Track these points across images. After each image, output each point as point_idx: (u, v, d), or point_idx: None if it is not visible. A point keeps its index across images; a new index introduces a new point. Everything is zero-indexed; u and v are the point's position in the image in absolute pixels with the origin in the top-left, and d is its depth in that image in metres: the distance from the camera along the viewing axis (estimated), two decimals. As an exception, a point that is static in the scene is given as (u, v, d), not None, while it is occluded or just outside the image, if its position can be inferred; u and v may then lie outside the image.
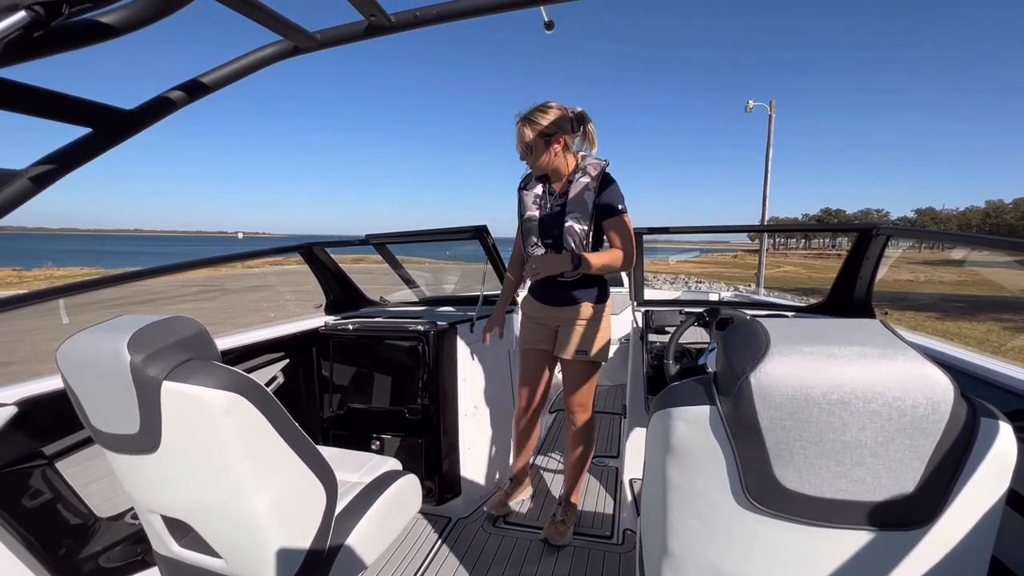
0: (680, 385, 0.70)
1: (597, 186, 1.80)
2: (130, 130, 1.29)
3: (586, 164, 1.83)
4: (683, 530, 0.69)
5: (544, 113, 1.75)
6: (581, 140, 1.87)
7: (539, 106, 1.77)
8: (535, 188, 1.93)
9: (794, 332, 0.62)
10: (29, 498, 1.28)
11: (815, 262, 58.65)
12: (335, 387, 2.25)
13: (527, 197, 1.94)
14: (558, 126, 1.75)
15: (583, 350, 1.93)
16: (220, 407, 0.90)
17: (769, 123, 14.28)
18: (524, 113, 1.78)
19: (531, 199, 1.93)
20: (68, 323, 4.67)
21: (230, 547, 1.05)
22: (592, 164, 1.83)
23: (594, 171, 1.82)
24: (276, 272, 24.12)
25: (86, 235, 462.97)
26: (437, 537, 2.04)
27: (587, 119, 1.82)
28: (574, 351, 1.94)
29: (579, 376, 1.97)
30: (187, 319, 1.00)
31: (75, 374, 0.96)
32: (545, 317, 2.01)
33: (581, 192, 1.80)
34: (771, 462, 0.60)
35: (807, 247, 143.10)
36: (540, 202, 1.91)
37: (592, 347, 1.94)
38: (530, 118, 1.76)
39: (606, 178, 1.82)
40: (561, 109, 1.77)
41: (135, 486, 1.05)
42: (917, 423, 0.55)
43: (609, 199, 1.80)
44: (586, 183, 1.80)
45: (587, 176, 1.81)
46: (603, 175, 1.82)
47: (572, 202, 1.82)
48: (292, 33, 1.39)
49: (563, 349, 1.96)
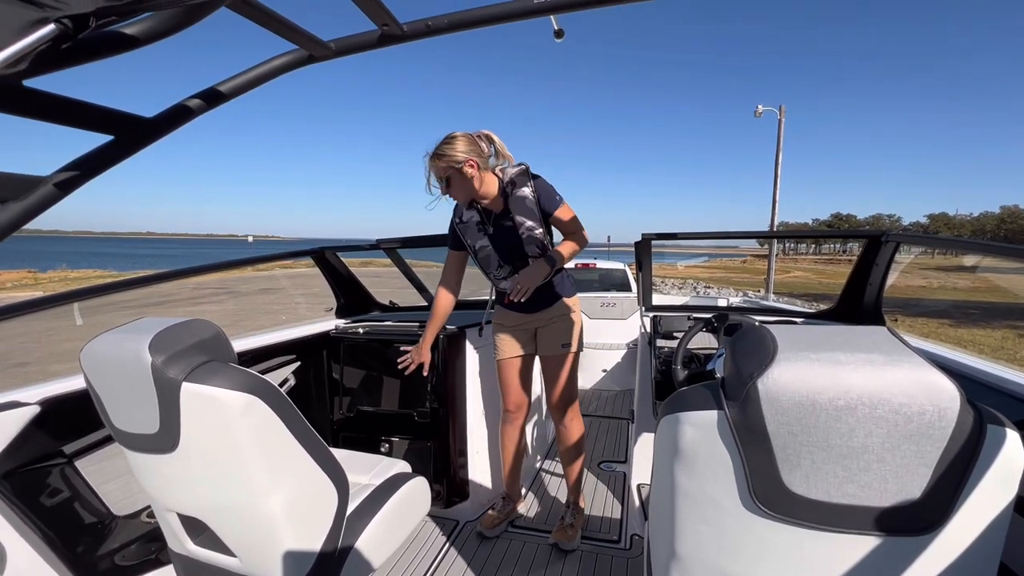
0: (688, 390, 0.71)
1: (532, 191, 1.84)
2: (150, 137, 1.32)
3: (510, 176, 1.85)
4: (691, 534, 0.70)
5: (450, 144, 1.75)
6: (495, 158, 1.87)
7: (443, 140, 1.77)
8: (471, 218, 1.92)
9: (801, 338, 0.63)
10: (49, 495, 1.31)
11: (825, 267, 58.08)
12: (345, 389, 2.28)
13: (468, 228, 1.93)
14: (467, 152, 1.75)
15: (566, 343, 2.00)
16: (237, 408, 0.93)
17: (779, 128, 14.22)
18: (431, 151, 1.77)
19: (473, 228, 1.92)
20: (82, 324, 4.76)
21: (244, 546, 1.07)
22: (514, 173, 1.85)
23: (521, 177, 1.85)
24: (287, 275, 24.32)
25: (99, 238, 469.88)
26: (445, 540, 2.05)
27: (493, 137, 1.84)
28: (559, 346, 2.00)
29: (564, 369, 2.02)
30: (205, 322, 1.02)
31: (97, 374, 0.99)
32: (525, 324, 2.03)
33: (521, 201, 1.83)
34: (779, 467, 0.61)
35: (817, 252, 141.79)
36: (484, 229, 1.91)
37: (572, 339, 2.01)
38: (438, 153, 1.75)
39: (538, 182, 1.86)
40: (465, 136, 1.77)
41: (153, 485, 1.08)
42: (923, 429, 0.55)
43: (547, 196, 1.85)
44: (521, 192, 1.83)
45: (518, 186, 1.84)
46: (535, 181, 1.86)
47: (516, 214, 1.84)
48: (307, 42, 1.42)
49: (548, 347, 2.01)
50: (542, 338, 2.03)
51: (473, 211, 1.91)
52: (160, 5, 0.96)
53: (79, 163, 1.23)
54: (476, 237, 1.92)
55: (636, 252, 2.42)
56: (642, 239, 2.29)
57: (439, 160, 1.74)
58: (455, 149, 1.73)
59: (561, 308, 1.99)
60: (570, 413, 2.06)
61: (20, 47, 0.89)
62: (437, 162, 1.74)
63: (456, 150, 1.73)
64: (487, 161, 1.81)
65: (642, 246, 2.33)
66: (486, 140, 1.82)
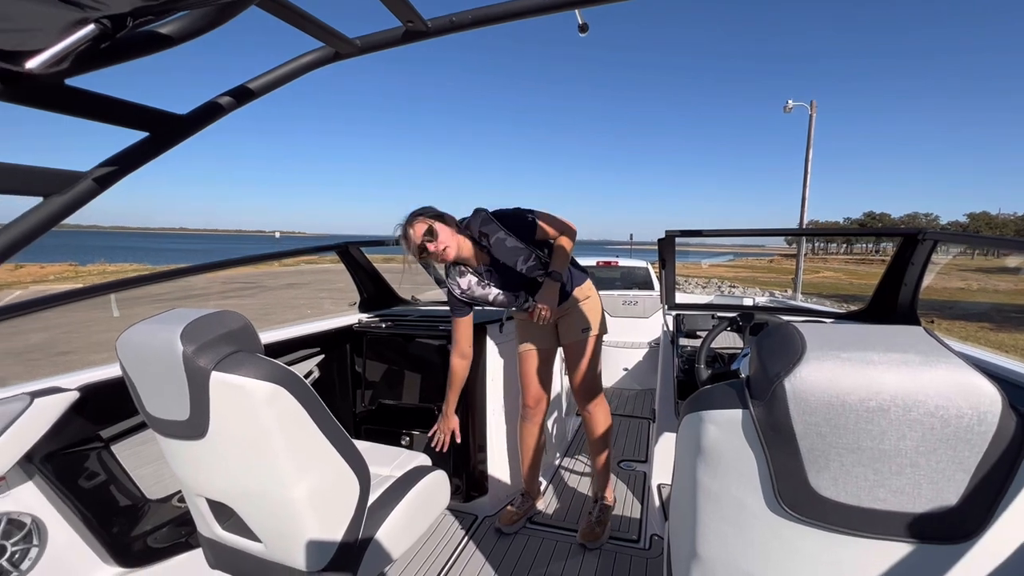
0: (712, 388, 0.70)
1: (503, 229, 1.82)
2: (183, 134, 1.36)
3: (478, 228, 1.83)
4: (713, 535, 0.69)
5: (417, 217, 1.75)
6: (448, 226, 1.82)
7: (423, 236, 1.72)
8: (470, 280, 1.91)
9: (831, 337, 0.61)
10: (87, 477, 1.37)
11: (857, 268, 56.17)
12: (367, 383, 2.31)
13: (473, 291, 1.91)
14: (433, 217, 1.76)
15: (586, 327, 2.03)
16: (263, 397, 0.95)
17: (809, 123, 13.81)
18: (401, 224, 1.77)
19: (477, 288, 1.91)
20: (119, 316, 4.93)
21: (269, 531, 1.10)
22: (480, 222, 1.83)
23: (487, 225, 1.82)
24: (312, 270, 24.81)
25: (135, 233, 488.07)
26: (464, 534, 2.07)
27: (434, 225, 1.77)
28: (579, 331, 2.03)
29: (588, 354, 2.03)
30: (234, 313, 1.05)
31: (132, 362, 1.03)
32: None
33: (502, 244, 1.82)
34: (805, 468, 0.59)
35: (849, 252, 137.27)
36: (483, 283, 1.91)
37: (592, 323, 2.04)
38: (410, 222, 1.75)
39: (503, 219, 1.84)
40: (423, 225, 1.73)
41: (184, 470, 1.11)
42: (961, 433, 0.53)
43: (520, 224, 1.84)
44: (497, 238, 1.82)
45: (491, 234, 1.82)
46: (501, 221, 1.83)
47: (505, 257, 1.84)
48: (333, 39, 1.44)
49: (569, 335, 2.05)
50: (562, 328, 2.06)
51: (467, 274, 1.91)
52: (194, 4, 0.99)
53: (117, 159, 1.28)
54: (486, 291, 1.92)
55: (659, 249, 2.39)
56: (666, 236, 2.26)
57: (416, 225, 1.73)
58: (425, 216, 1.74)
59: (577, 295, 2.03)
60: (595, 400, 2.07)
61: (62, 47, 0.93)
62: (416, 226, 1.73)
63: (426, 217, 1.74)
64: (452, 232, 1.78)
65: (666, 243, 2.30)
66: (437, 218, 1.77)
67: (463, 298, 1.93)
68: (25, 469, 1.24)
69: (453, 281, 1.92)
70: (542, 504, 2.31)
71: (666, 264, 2.40)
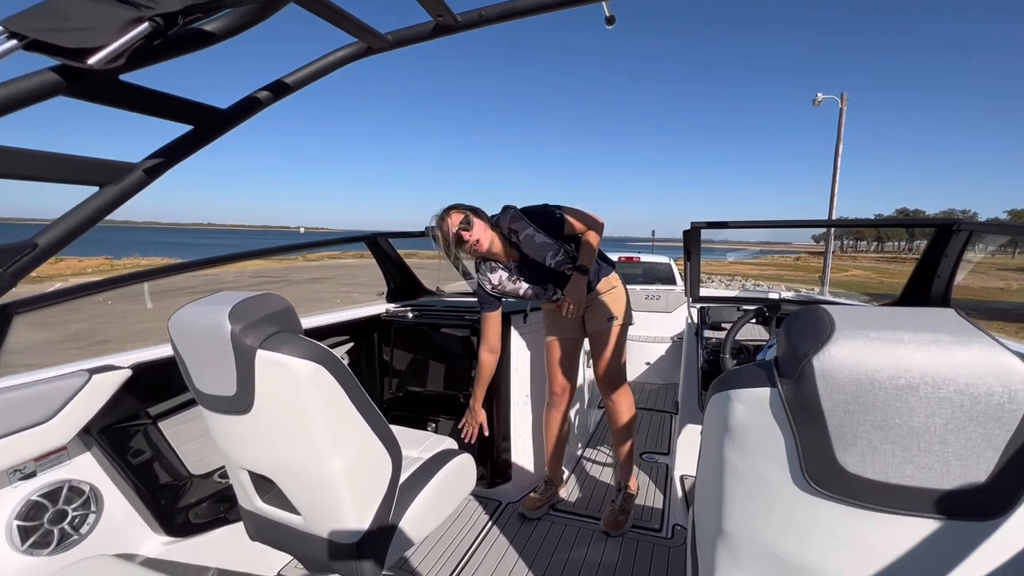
0: (740, 368, 0.71)
1: (532, 226, 1.85)
2: (225, 126, 1.43)
3: (507, 225, 1.86)
4: (740, 512, 0.70)
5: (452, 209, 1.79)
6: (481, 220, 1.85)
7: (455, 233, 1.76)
8: (500, 275, 1.94)
9: (861, 318, 0.62)
10: (138, 451, 1.46)
11: (888, 266, 54.26)
12: (394, 370, 2.37)
13: (504, 286, 1.95)
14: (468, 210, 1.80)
15: (611, 316, 2.06)
16: (304, 375, 1.00)
17: (840, 117, 13.42)
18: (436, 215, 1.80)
19: (508, 283, 1.95)
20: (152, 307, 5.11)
21: (308, 504, 1.15)
22: (509, 219, 1.86)
23: (516, 222, 1.85)
24: (336, 265, 25.21)
25: (166, 228, 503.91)
26: (488, 519, 2.11)
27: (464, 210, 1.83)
28: (604, 320, 2.06)
29: (613, 342, 2.05)
30: (277, 296, 1.10)
31: (183, 340, 1.09)
32: None
33: (531, 240, 1.85)
34: (833, 445, 0.60)
35: (880, 250, 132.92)
36: (513, 277, 1.95)
37: (617, 312, 2.06)
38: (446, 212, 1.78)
39: (532, 216, 1.87)
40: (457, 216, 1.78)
41: (228, 444, 1.18)
42: (992, 411, 0.54)
43: (548, 220, 1.87)
44: (526, 234, 1.85)
45: (518, 230, 1.85)
46: (523, 217, 1.86)
47: (534, 253, 1.87)
48: (365, 35, 1.49)
49: (595, 324, 2.08)
50: (588, 317, 2.09)
51: (497, 270, 1.94)
52: (240, 2, 1.04)
53: (164, 151, 1.35)
54: (516, 286, 1.96)
55: (684, 241, 2.38)
56: (691, 228, 2.25)
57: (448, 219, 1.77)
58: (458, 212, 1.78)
59: (604, 286, 2.06)
60: (619, 390, 2.08)
61: (119, 44, 0.99)
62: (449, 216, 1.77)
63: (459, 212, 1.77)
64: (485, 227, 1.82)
65: (691, 235, 2.29)
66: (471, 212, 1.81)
67: (494, 293, 1.97)
68: (84, 440, 1.33)
69: (484, 276, 1.96)
70: (564, 492, 2.34)
71: (691, 256, 2.39)
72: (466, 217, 1.76)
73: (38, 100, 1.02)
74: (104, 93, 1.14)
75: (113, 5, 1.03)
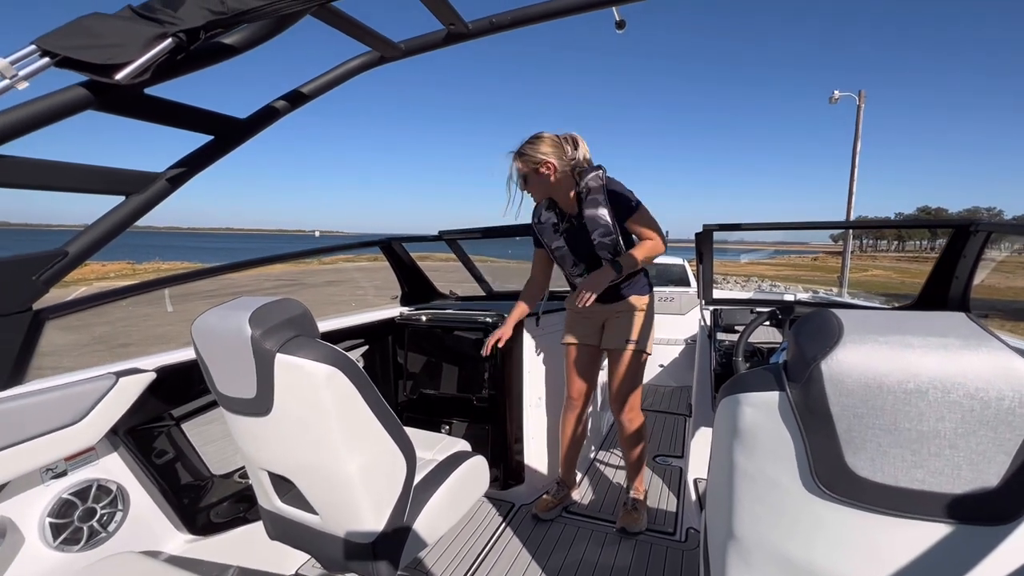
0: (749, 372, 0.72)
1: (606, 196, 1.85)
2: (244, 136, 1.47)
3: (587, 180, 1.87)
4: (749, 515, 0.71)
5: (533, 145, 1.81)
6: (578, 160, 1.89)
7: (528, 139, 1.84)
8: (549, 218, 1.99)
9: (869, 322, 0.62)
10: (162, 451, 1.50)
11: (909, 266, 53.05)
12: (408, 373, 2.40)
13: (545, 229, 2.00)
14: (546, 154, 1.81)
15: (632, 339, 1.98)
16: (322, 378, 1.03)
17: (857, 115, 13.20)
18: (516, 149, 1.85)
19: (549, 229, 1.99)
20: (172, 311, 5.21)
21: (325, 504, 1.18)
22: (592, 178, 1.87)
23: (596, 183, 1.86)
24: (350, 268, 25.48)
25: (186, 233, 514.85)
26: (501, 520, 2.12)
27: (579, 140, 1.88)
28: (624, 341, 1.99)
29: (628, 367, 2.00)
30: (295, 301, 1.14)
31: (205, 344, 1.13)
32: (593, 314, 2.05)
33: (594, 208, 1.85)
34: (842, 449, 0.61)
35: (900, 249, 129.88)
36: (558, 229, 1.96)
37: (640, 336, 1.99)
38: (521, 152, 1.83)
39: (610, 183, 1.87)
40: (550, 137, 1.83)
41: (249, 445, 1.21)
42: (1002, 416, 0.54)
43: (622, 202, 1.85)
44: (595, 198, 1.85)
45: (592, 191, 1.86)
46: (606, 182, 1.87)
47: (589, 220, 1.87)
48: (379, 44, 1.52)
49: (611, 341, 2.02)
50: (607, 331, 2.05)
51: (551, 212, 1.98)
52: (259, 16, 1.07)
53: (187, 160, 1.40)
54: (552, 238, 1.99)
55: (696, 244, 2.38)
56: (703, 230, 2.25)
57: (520, 159, 1.83)
58: (536, 150, 1.80)
59: (631, 304, 1.99)
60: (629, 412, 2.05)
61: (145, 59, 1.03)
62: (518, 160, 1.84)
63: (537, 151, 1.80)
64: (568, 163, 1.85)
65: (703, 238, 2.29)
66: (571, 143, 1.86)
67: (536, 229, 2.03)
68: (111, 441, 1.38)
69: (541, 209, 2.02)
70: (577, 495, 2.34)
71: (703, 259, 2.38)
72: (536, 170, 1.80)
73: (69, 114, 1.07)
74: (131, 106, 1.18)
75: (138, 23, 1.07)
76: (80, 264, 1.23)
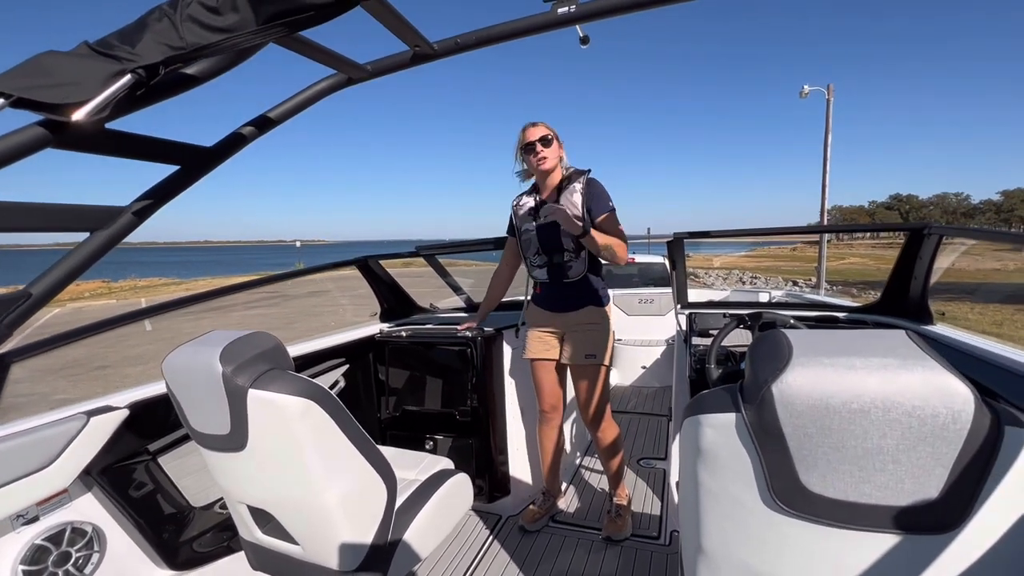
0: (708, 393, 0.75)
1: (584, 190, 1.91)
2: (211, 164, 1.46)
3: (571, 173, 1.99)
4: (716, 531, 0.73)
5: (542, 124, 1.96)
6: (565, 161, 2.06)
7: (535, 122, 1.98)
8: (527, 203, 2.06)
9: (817, 344, 0.65)
10: (137, 488, 1.48)
11: (883, 252, 54.40)
12: (391, 390, 2.40)
13: (521, 211, 2.07)
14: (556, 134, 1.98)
15: (592, 354, 1.99)
16: (296, 411, 1.03)
17: (827, 108, 13.51)
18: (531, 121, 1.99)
19: (525, 214, 2.05)
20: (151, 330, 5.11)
21: (306, 535, 1.18)
22: (576, 172, 1.99)
23: (578, 177, 1.95)
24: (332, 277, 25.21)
25: (163, 248, 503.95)
26: (488, 533, 2.13)
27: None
28: (584, 356, 2.00)
29: (591, 381, 2.01)
30: (266, 334, 1.13)
31: (177, 382, 1.12)
32: (552, 325, 2.07)
33: (570, 198, 1.92)
34: (796, 467, 0.64)
35: (876, 237, 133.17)
36: (533, 216, 2.01)
37: (600, 351, 2.00)
38: (540, 123, 1.97)
39: (591, 183, 1.94)
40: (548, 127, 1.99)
41: (226, 480, 1.20)
42: (938, 431, 0.57)
43: (596, 200, 1.91)
44: (574, 188, 1.93)
45: (572, 180, 1.95)
46: (588, 181, 1.95)
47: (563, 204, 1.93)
48: (345, 66, 1.53)
49: (572, 357, 2.02)
50: (567, 346, 2.04)
51: (531, 197, 2.06)
52: (219, 51, 1.07)
53: (152, 192, 1.38)
54: (524, 221, 2.05)
55: (669, 251, 2.42)
56: (674, 238, 2.29)
57: (541, 124, 1.95)
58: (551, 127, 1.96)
59: (590, 315, 2.00)
60: (602, 423, 2.07)
61: (104, 97, 1.02)
62: (541, 124, 1.95)
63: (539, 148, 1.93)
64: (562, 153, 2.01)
65: (674, 245, 2.33)
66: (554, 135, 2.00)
67: (513, 211, 2.12)
68: (84, 482, 1.35)
69: (522, 194, 2.11)
70: (563, 503, 2.36)
71: (676, 265, 2.43)
72: (547, 137, 1.92)
73: (26, 154, 1.05)
74: (92, 143, 1.17)
75: (96, 59, 1.06)
76: (44, 305, 1.21)
